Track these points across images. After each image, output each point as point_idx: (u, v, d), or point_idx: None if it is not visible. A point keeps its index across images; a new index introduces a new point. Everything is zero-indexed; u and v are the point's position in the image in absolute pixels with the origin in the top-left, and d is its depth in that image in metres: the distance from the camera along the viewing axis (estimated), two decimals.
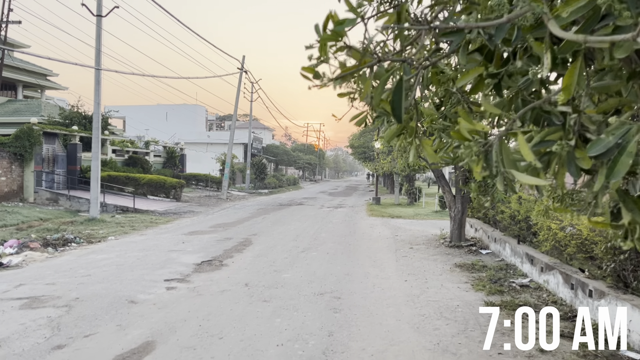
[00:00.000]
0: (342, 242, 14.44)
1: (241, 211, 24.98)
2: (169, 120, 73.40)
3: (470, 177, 12.62)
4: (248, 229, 17.22)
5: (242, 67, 33.18)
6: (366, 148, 45.54)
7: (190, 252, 12.26)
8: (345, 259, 11.55)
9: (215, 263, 10.97)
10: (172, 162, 38.94)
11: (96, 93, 18.93)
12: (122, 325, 6.53)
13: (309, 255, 12.07)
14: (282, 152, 69.72)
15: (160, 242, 14.12)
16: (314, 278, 9.44)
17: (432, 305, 7.62)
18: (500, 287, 8.77)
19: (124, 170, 30.34)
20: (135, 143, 35.21)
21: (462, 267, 10.68)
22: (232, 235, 15.65)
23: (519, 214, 10.53)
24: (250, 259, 11.42)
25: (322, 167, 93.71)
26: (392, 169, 26.84)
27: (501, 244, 11.82)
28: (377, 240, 14.85)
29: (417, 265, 10.88)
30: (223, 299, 7.86)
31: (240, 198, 34.85)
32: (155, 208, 24.22)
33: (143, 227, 17.91)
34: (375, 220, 21.44)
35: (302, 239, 14.80)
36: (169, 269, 10.16)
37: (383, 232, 17.02)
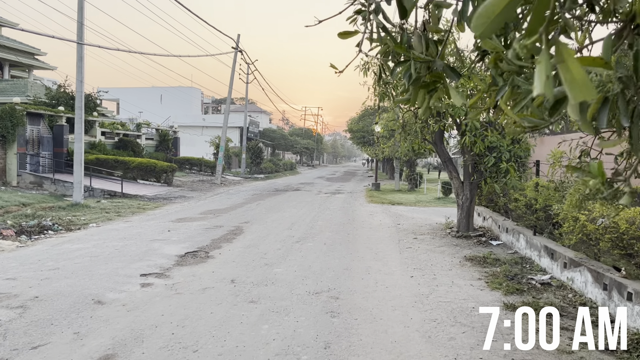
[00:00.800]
0: (341, 231, 13.43)
1: (235, 197, 23.93)
2: (163, 103, 72.00)
3: (481, 162, 11.59)
4: (240, 216, 16.19)
5: (237, 46, 31.87)
6: (365, 132, 44.38)
7: (175, 242, 11.23)
8: (344, 251, 10.54)
9: (201, 255, 9.94)
10: (164, 146, 37.76)
11: (78, 70, 17.72)
12: (80, 333, 5.50)
13: (305, 246, 11.06)
14: (279, 136, 68.45)
15: (144, 230, 13.09)
16: (309, 273, 8.43)
17: (443, 308, 6.62)
18: (519, 284, 7.78)
19: (114, 154, 29.20)
20: (127, 125, 33.99)
21: (472, 260, 9.68)
22: (223, 222, 14.62)
23: (537, 202, 9.50)
24: (239, 250, 10.40)
25: (320, 152, 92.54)
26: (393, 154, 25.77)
27: (514, 234, 10.82)
28: (378, 230, 13.84)
29: (423, 259, 9.88)
30: (204, 299, 6.84)
31: (235, 183, 33.78)
32: (145, 193, 23.15)
33: (129, 213, 16.86)
34: (375, 207, 20.43)
35: (297, 228, 13.78)
36: (147, 262, 9.13)
37: (384, 220, 16.01)
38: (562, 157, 6.04)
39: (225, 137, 32.98)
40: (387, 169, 48.52)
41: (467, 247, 11.20)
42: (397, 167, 31.01)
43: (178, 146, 41.59)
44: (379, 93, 13.47)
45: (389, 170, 47.39)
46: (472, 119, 10.54)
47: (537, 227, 9.84)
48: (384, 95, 13.42)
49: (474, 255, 10.04)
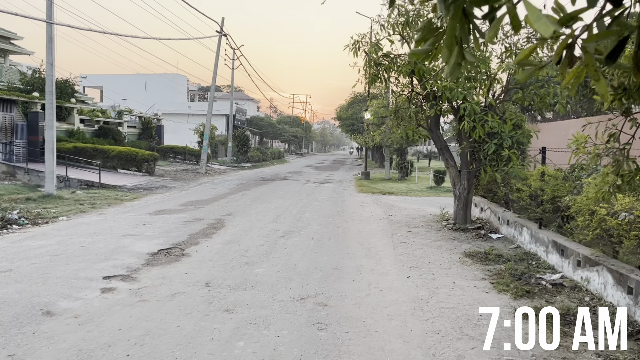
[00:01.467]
0: (329, 223, 12.55)
1: (219, 187, 22.95)
2: (148, 91, 70.32)
3: (479, 149, 10.74)
4: (223, 208, 15.24)
5: (221, 30, 30.64)
6: (354, 120, 43.45)
7: (149, 237, 10.28)
8: (333, 247, 9.67)
9: (175, 252, 9.01)
10: (147, 134, 36.54)
11: (48, 52, 16.53)
12: (15, 356, 4.58)
13: (290, 241, 10.17)
14: (267, 124, 67.29)
15: (118, 223, 12.11)
16: (294, 274, 7.55)
17: (447, 316, 5.78)
18: (528, 285, 6.96)
19: (94, 142, 28.00)
20: (107, 113, 32.70)
21: (473, 256, 8.86)
22: (204, 215, 13.67)
23: (544, 193, 8.68)
24: (218, 247, 9.48)
25: (308, 140, 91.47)
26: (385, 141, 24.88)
27: (516, 227, 10.02)
28: (369, 222, 12.99)
29: (419, 255, 9.04)
30: (171, 308, 5.93)
31: (220, 172, 32.74)
32: (124, 183, 22.08)
33: (105, 204, 15.84)
34: (365, 197, 19.58)
35: (283, 220, 12.88)
36: (114, 262, 8.19)
37: (375, 211, 15.16)
38: (587, 142, 5.19)
39: (210, 124, 31.86)
40: (377, 157, 47.72)
41: (466, 241, 10.39)
42: (388, 156, 30.16)
43: (162, 134, 40.38)
44: (370, 75, 12.55)
45: (378, 158, 46.58)
46: (523, 80, 9.63)
47: (542, 220, 9.03)
48: (375, 78, 12.49)
49: (474, 251, 9.22)
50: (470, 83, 10.49)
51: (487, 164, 10.60)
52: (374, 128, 29.28)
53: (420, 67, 10.90)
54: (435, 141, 11.88)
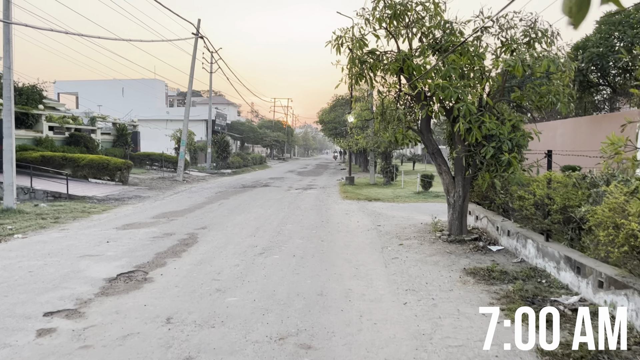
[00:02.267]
0: (313, 237, 11.49)
1: (196, 195, 21.74)
2: (125, 97, 68.57)
3: (475, 153, 9.80)
4: (198, 220, 14.09)
5: (197, 32, 29.43)
6: (337, 123, 42.55)
7: (109, 259, 9.11)
8: (318, 265, 8.61)
9: (137, 276, 7.87)
10: (123, 141, 35.09)
11: (6, 54, 15.23)
12: None
13: (269, 259, 9.08)
14: (248, 129, 66.00)
15: (79, 241, 10.90)
16: (273, 303, 6.47)
17: (456, 359, 4.77)
18: None
19: (64, 150, 26.54)
20: (79, 119, 31.21)
21: (475, 274, 7.89)
22: (176, 229, 12.52)
23: (553, 202, 7.75)
24: (187, 269, 8.35)
25: (290, 144, 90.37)
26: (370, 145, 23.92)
27: (519, 239, 9.09)
28: (356, 233, 11.96)
29: (414, 274, 8.03)
30: (119, 357, 4.82)
31: (199, 179, 31.48)
32: (95, 193, 20.75)
33: (70, 218, 14.57)
34: (350, 204, 18.57)
35: (262, 234, 11.79)
36: (63, 291, 7.02)
37: (362, 220, 14.15)
38: (625, 146, 4.25)
39: (187, 130, 30.59)
40: (361, 161, 46.84)
41: (464, 254, 9.42)
42: (372, 160, 29.21)
43: (138, 141, 38.96)
44: (354, 74, 11.55)
45: (362, 162, 45.70)
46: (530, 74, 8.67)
47: (550, 231, 8.10)
48: (360, 77, 11.50)
49: (475, 267, 8.25)
50: (464, 81, 9.56)
51: (484, 169, 9.67)
52: (358, 131, 28.35)
53: (410, 65, 9.94)
54: (427, 145, 10.92)
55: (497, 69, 9.76)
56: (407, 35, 10.51)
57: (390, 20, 10.18)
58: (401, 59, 10.06)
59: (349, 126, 29.55)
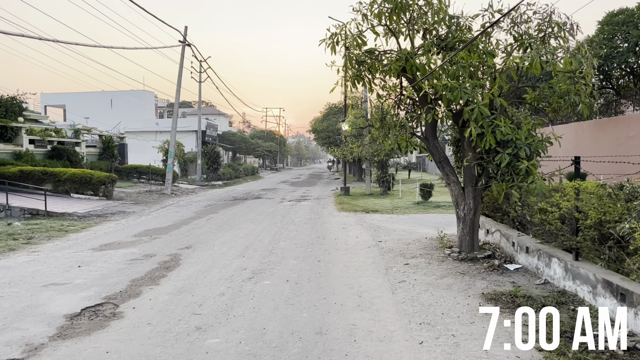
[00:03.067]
0: (309, 256, 10.40)
1: (184, 210, 20.60)
2: (114, 108, 67.38)
3: (488, 161, 8.78)
4: (183, 238, 12.97)
5: (184, 39, 28.42)
6: (330, 132, 41.59)
7: (77, 288, 7.98)
8: (315, 293, 7.52)
9: (105, 312, 6.75)
10: (109, 153, 33.87)
11: None
12: None
13: (259, 286, 7.98)
14: (239, 139, 64.93)
15: (47, 266, 9.74)
16: (262, 346, 5.37)
17: None
18: (593, 355, 4.94)
19: (45, 164, 25.34)
20: (63, 132, 30.00)
21: (496, 301, 6.83)
22: (158, 249, 11.39)
23: (585, 216, 6.72)
24: (164, 300, 7.24)
25: (283, 154, 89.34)
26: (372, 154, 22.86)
27: (541, 257, 8.06)
28: (356, 251, 10.89)
29: (426, 301, 6.96)
30: None
31: (188, 192, 30.31)
32: (76, 209, 19.56)
33: (44, 238, 13.40)
34: (347, 216, 17.51)
35: (252, 253, 10.69)
36: (12, 334, 5.88)
37: (361, 235, 13.08)
38: None
39: (175, 141, 29.47)
40: (355, 171, 45.84)
41: (479, 275, 8.37)
42: (368, 169, 28.17)
43: (126, 153, 37.79)
44: (350, 77, 10.55)
45: (356, 171, 44.70)
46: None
47: (578, 249, 7.08)
48: (357, 79, 10.49)
49: (496, 292, 7.20)
50: (474, 80, 8.56)
51: (499, 178, 8.64)
52: (353, 140, 27.36)
53: (413, 64, 8.93)
54: (433, 152, 9.88)
55: (511, 67, 8.77)
56: (408, 33, 9.53)
57: (390, 15, 9.19)
58: (403, 57, 9.06)
59: (343, 134, 28.56)
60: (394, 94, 10.64)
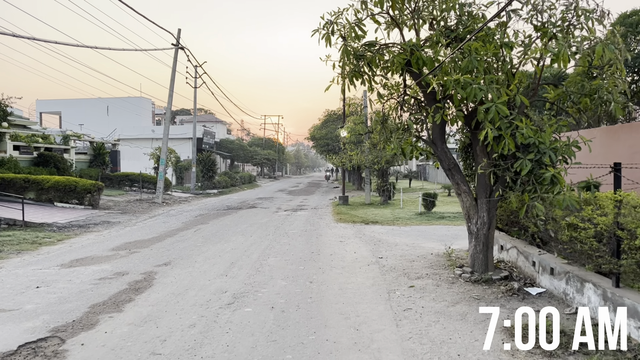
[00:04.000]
0: (300, 275, 9.19)
1: (173, 220, 19.39)
2: (110, 115, 66.34)
3: (506, 168, 7.61)
4: (164, 252, 11.77)
5: (177, 42, 27.34)
6: (329, 140, 40.48)
7: (24, 315, 6.77)
8: (304, 325, 6.31)
9: (47, 350, 5.54)
10: (100, 160, 32.73)
11: None
12: None
13: (238, 314, 6.77)
14: (237, 147, 63.79)
15: (1, 286, 8.54)
16: None
17: None
18: None
19: (30, 172, 24.19)
20: (50, 138, 28.85)
21: (523, 337, 5.62)
22: (133, 265, 10.19)
23: (632, 235, 5.53)
24: (122, 333, 6.03)
25: (282, 162, 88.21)
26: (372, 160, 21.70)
27: (570, 281, 6.86)
28: (353, 270, 9.68)
29: (437, 337, 5.75)
30: None
31: (180, 201, 29.10)
32: (57, 219, 18.35)
33: (13, 252, 12.20)
34: (345, 228, 16.30)
35: (237, 272, 9.48)
36: None
37: (360, 250, 11.87)
38: None
39: (167, 148, 28.31)
40: (354, 179, 44.66)
41: (497, 301, 7.16)
42: (368, 177, 26.96)
43: (118, 161, 36.66)
44: (348, 73, 9.42)
45: (356, 180, 43.52)
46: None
47: (619, 274, 5.89)
48: (355, 76, 9.36)
49: (521, 326, 5.98)
50: (490, 75, 7.40)
51: (518, 188, 7.46)
52: (352, 147, 26.22)
53: (419, 56, 7.79)
54: (441, 158, 8.70)
55: (532, 60, 7.62)
56: (414, 23, 8.40)
57: (393, 3, 8.06)
58: (408, 49, 7.91)
59: (342, 141, 27.41)
60: (396, 94, 9.50)
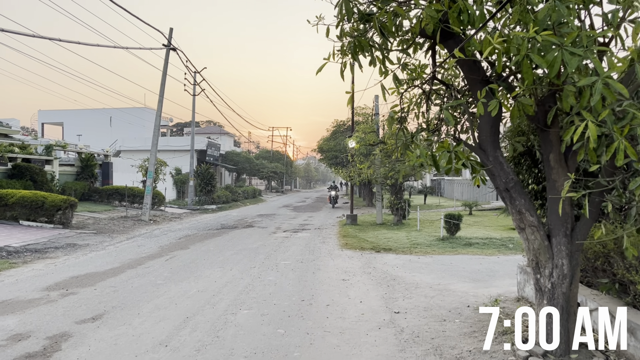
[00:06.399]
0: (279, 347, 6.12)
1: (151, 243, 16.48)
2: (113, 126, 64.23)
3: (611, 189, 4.55)
4: (107, 295, 8.82)
5: (169, 42, 24.70)
6: (338, 152, 37.53)
7: None
8: None
9: None
10: (88, 173, 30.07)
11: None
12: None
13: None
14: (243, 159, 61.03)
15: None
16: None
17: None
18: None
19: (1, 185, 21.53)
20: (30, 148, 26.27)
21: None
22: (47, 320, 7.24)
23: None
24: None
25: (290, 176, 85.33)
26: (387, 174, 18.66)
27: None
28: (357, 338, 6.59)
29: None
30: None
31: (172, 218, 26.25)
32: (11, 242, 15.54)
33: None
34: (351, 258, 13.23)
35: (185, 338, 6.46)
36: None
37: (368, 297, 8.78)
38: None
39: (155, 159, 25.57)
40: (365, 194, 41.54)
41: None
42: (379, 194, 23.82)
43: (110, 173, 33.95)
44: (350, 44, 6.48)
45: (366, 195, 40.39)
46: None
47: None
48: (360, 48, 6.39)
49: None
50: (587, 31, 4.37)
51: (632, 223, 4.40)
52: (361, 159, 23.21)
53: (464, 7, 4.78)
54: (494, 172, 5.59)
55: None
56: None
57: None
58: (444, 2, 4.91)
59: (350, 152, 24.45)
60: (420, 80, 6.50)
